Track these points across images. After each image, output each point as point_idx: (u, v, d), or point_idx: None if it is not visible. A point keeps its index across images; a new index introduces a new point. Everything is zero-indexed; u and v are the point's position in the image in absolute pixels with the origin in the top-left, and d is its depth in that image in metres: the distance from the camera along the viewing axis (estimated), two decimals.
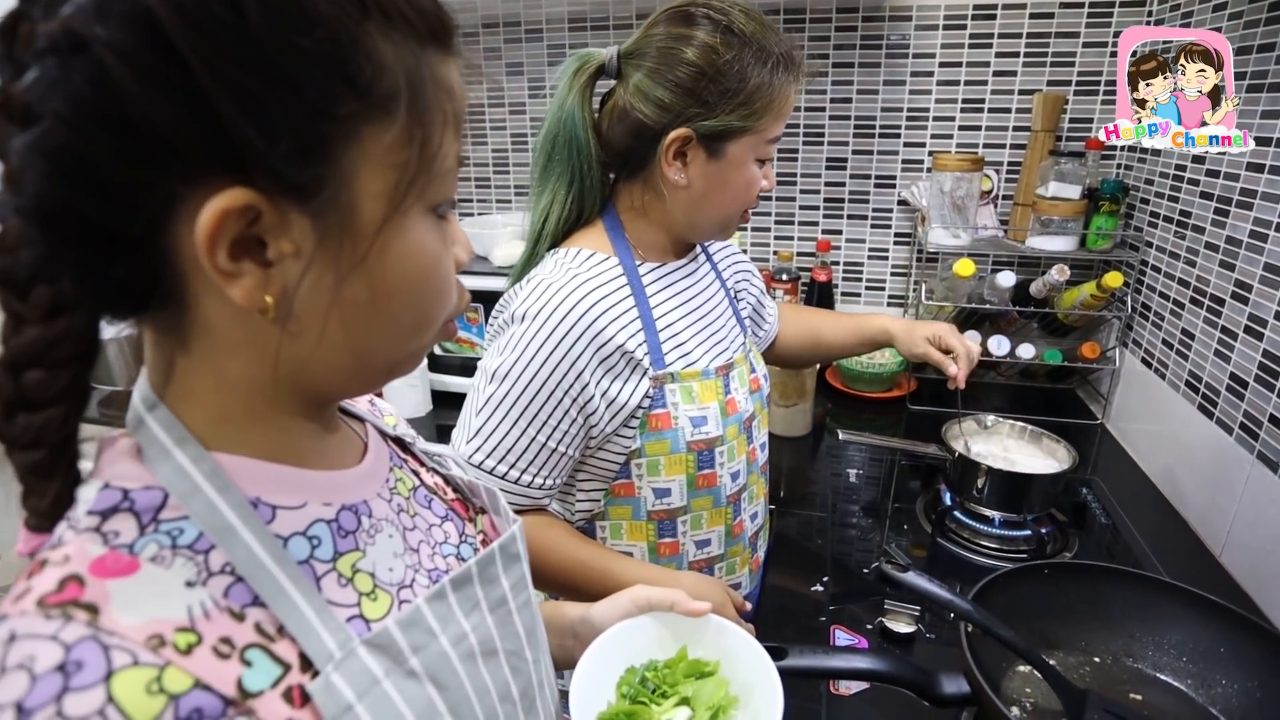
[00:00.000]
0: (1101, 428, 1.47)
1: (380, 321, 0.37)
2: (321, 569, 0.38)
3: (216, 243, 0.30)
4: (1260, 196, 1.03)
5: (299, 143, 0.30)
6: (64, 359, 0.32)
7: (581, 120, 0.78)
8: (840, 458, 1.39)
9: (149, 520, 0.33)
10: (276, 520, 0.37)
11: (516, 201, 1.92)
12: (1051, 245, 1.44)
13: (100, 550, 0.31)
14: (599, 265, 0.79)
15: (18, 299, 0.31)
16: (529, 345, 0.74)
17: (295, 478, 0.38)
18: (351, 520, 0.40)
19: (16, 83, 0.28)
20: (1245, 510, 1.02)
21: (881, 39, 1.56)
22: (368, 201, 0.33)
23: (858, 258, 1.73)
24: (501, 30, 1.76)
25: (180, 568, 0.32)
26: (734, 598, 0.83)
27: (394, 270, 0.36)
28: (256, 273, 0.32)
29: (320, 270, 0.33)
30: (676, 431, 0.81)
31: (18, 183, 0.29)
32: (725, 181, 0.79)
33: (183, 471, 0.34)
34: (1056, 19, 1.46)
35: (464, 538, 0.50)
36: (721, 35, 0.73)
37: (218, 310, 0.33)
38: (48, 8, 0.28)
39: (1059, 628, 0.81)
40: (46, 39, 0.27)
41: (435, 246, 0.38)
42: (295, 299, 0.33)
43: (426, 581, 0.43)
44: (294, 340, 0.35)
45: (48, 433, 0.32)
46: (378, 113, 0.32)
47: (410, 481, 0.49)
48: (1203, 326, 1.17)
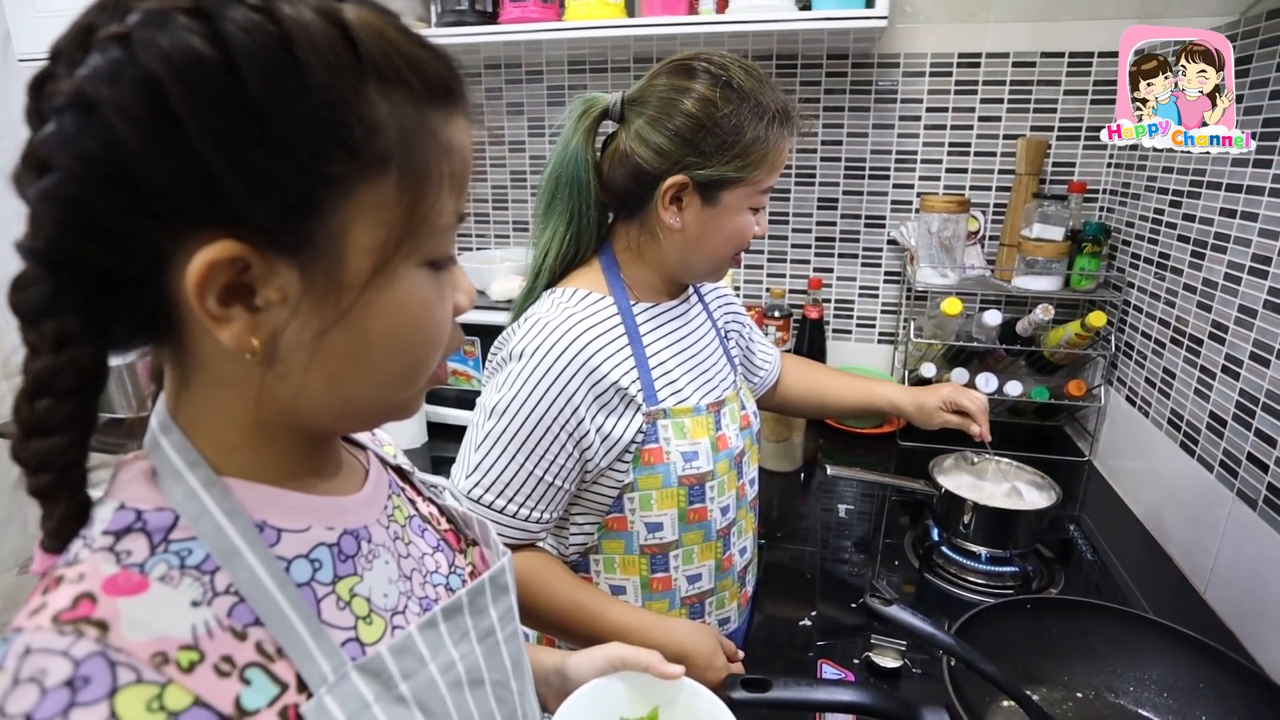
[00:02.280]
0: (1089, 464, 1.49)
1: (365, 369, 0.38)
2: (322, 591, 0.39)
3: (206, 289, 0.32)
4: (1233, 240, 1.06)
5: (287, 200, 0.32)
6: (68, 389, 0.34)
7: (584, 161, 0.81)
8: (831, 493, 1.40)
9: (160, 540, 0.35)
10: (281, 543, 0.38)
11: (515, 237, 1.95)
12: (1037, 285, 1.47)
13: (113, 569, 0.33)
14: (595, 305, 0.82)
15: (32, 330, 0.33)
16: (526, 382, 0.77)
17: (300, 502, 0.40)
18: (352, 544, 0.42)
19: (36, 135, 0.31)
20: (1227, 547, 1.03)
21: (871, 85, 1.61)
22: (356, 256, 0.34)
23: (849, 295, 1.76)
24: (503, 71, 1.81)
25: (187, 587, 0.34)
26: (726, 645, 0.83)
27: (380, 322, 0.37)
28: (245, 317, 0.33)
29: (305, 318, 0.34)
30: (668, 466, 0.83)
31: (34, 226, 0.31)
32: (719, 227, 0.82)
33: (193, 495, 0.36)
34: (1038, 67, 1.52)
35: (453, 568, 0.51)
36: (720, 89, 0.77)
37: (212, 348, 0.35)
38: (69, 68, 0.30)
39: (1042, 662, 0.82)
40: (62, 97, 0.30)
41: (426, 298, 0.39)
42: (281, 343, 0.35)
43: (418, 609, 0.45)
44: (279, 381, 0.36)
45: (54, 458, 0.34)
46: (370, 172, 0.34)
47: (406, 510, 0.50)
48: (1183, 365, 1.19)
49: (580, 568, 0.88)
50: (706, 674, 0.77)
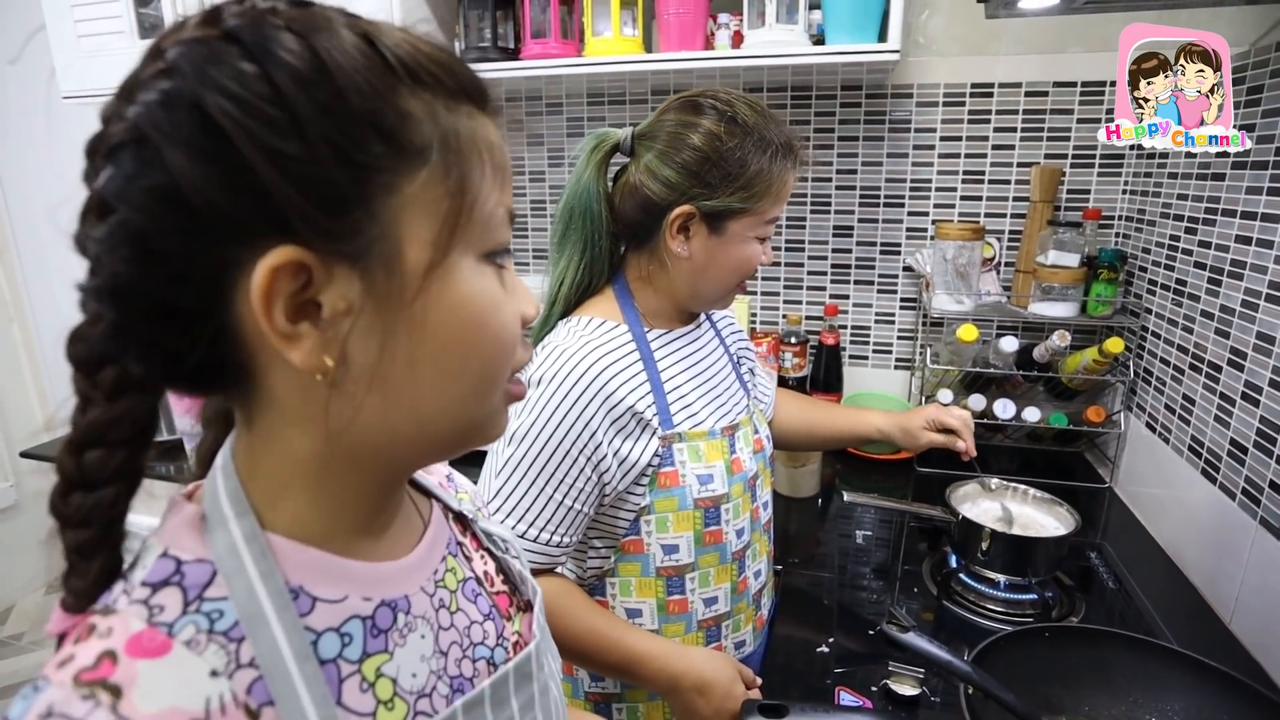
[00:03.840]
0: (1110, 491, 1.48)
1: (435, 378, 0.37)
2: (346, 670, 0.37)
3: (272, 301, 0.32)
4: (1250, 267, 1.07)
5: (336, 193, 0.32)
6: (122, 439, 0.34)
7: (596, 193, 0.85)
8: (849, 519, 1.40)
9: (194, 598, 0.34)
10: (314, 613, 0.37)
11: (535, 264, 1.99)
12: (1053, 311, 1.47)
13: (140, 625, 0.33)
14: (609, 332, 0.84)
15: (87, 380, 0.34)
16: (545, 408, 0.79)
17: (340, 569, 0.38)
18: (387, 617, 0.40)
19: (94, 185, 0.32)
20: (1252, 576, 1.02)
21: (884, 114, 1.64)
22: (413, 249, 0.35)
23: (865, 322, 1.77)
24: (524, 104, 1.86)
25: (212, 655, 0.33)
26: (744, 673, 0.83)
27: (444, 320, 0.36)
28: (314, 335, 0.33)
29: (369, 323, 0.34)
30: (684, 489, 0.84)
31: (95, 270, 0.32)
32: (725, 256, 0.85)
33: (234, 548, 0.35)
34: (1051, 96, 1.53)
35: (500, 639, 0.49)
36: (726, 124, 0.80)
37: (283, 382, 0.35)
38: (120, 114, 0.32)
39: (1062, 692, 0.82)
40: (116, 139, 0.32)
41: (491, 293, 0.38)
42: (350, 360, 0.34)
43: (446, 690, 0.43)
44: (349, 403, 0.35)
45: (99, 512, 0.34)
46: (411, 160, 0.34)
47: (461, 572, 0.48)
48: (1202, 392, 1.19)
49: (596, 591, 0.89)
50: (726, 702, 0.78)
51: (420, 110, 0.35)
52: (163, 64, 0.32)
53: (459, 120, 0.36)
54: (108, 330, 0.33)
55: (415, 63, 0.35)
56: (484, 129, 0.38)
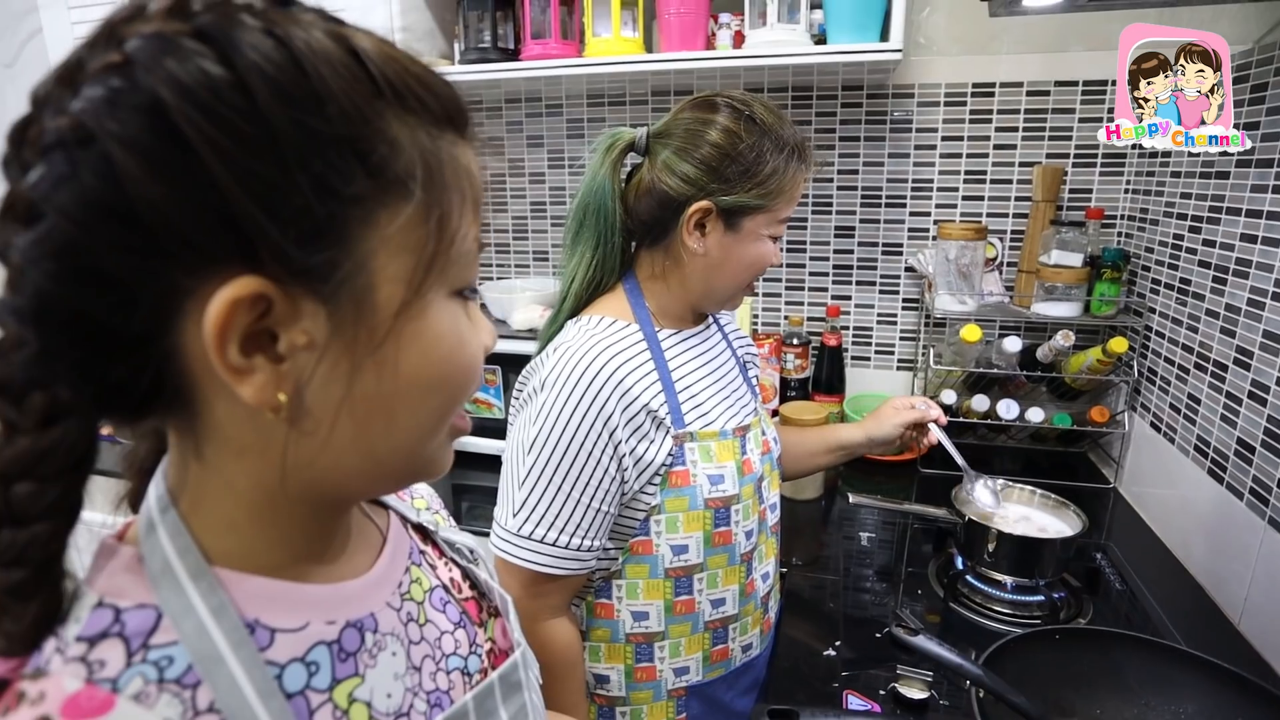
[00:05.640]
0: (1114, 491, 1.47)
1: (397, 416, 0.35)
2: (316, 700, 0.35)
3: (227, 336, 0.29)
4: (1255, 266, 1.06)
5: (311, 225, 0.29)
6: (56, 470, 0.31)
7: (610, 191, 0.85)
8: (853, 521, 1.39)
9: (138, 647, 0.31)
10: (275, 645, 0.34)
11: (535, 266, 1.98)
12: (1056, 311, 1.47)
13: (77, 685, 0.29)
14: (620, 331, 0.84)
15: (12, 406, 0.30)
16: (561, 410, 0.78)
17: (298, 595, 0.36)
18: (354, 639, 0.38)
19: (21, 183, 0.28)
20: (1261, 576, 1.01)
21: (886, 114, 1.63)
22: (385, 286, 0.32)
23: (867, 323, 1.77)
24: (523, 105, 1.85)
25: (164, 706, 0.30)
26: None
27: (414, 358, 0.34)
28: (268, 369, 0.30)
29: (334, 361, 0.32)
30: (695, 489, 0.84)
31: (17, 284, 0.28)
32: (741, 253, 0.85)
33: (179, 587, 0.32)
34: (1053, 96, 1.53)
35: (474, 647, 0.47)
36: (744, 123, 0.81)
37: (228, 412, 0.32)
38: (59, 105, 0.28)
39: (1073, 695, 0.81)
40: (54, 134, 0.27)
41: (459, 329, 0.36)
42: (308, 394, 0.32)
43: (424, 707, 0.41)
44: (306, 440, 0.33)
45: (32, 550, 0.30)
46: (393, 193, 0.32)
47: (428, 581, 0.46)
48: (1208, 391, 1.18)
49: (602, 593, 0.88)
50: None
51: (405, 137, 0.32)
52: (118, 55, 0.28)
53: (442, 148, 0.34)
54: (33, 356, 0.29)
55: (403, 84, 0.32)
56: (464, 156, 0.35)
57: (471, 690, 0.44)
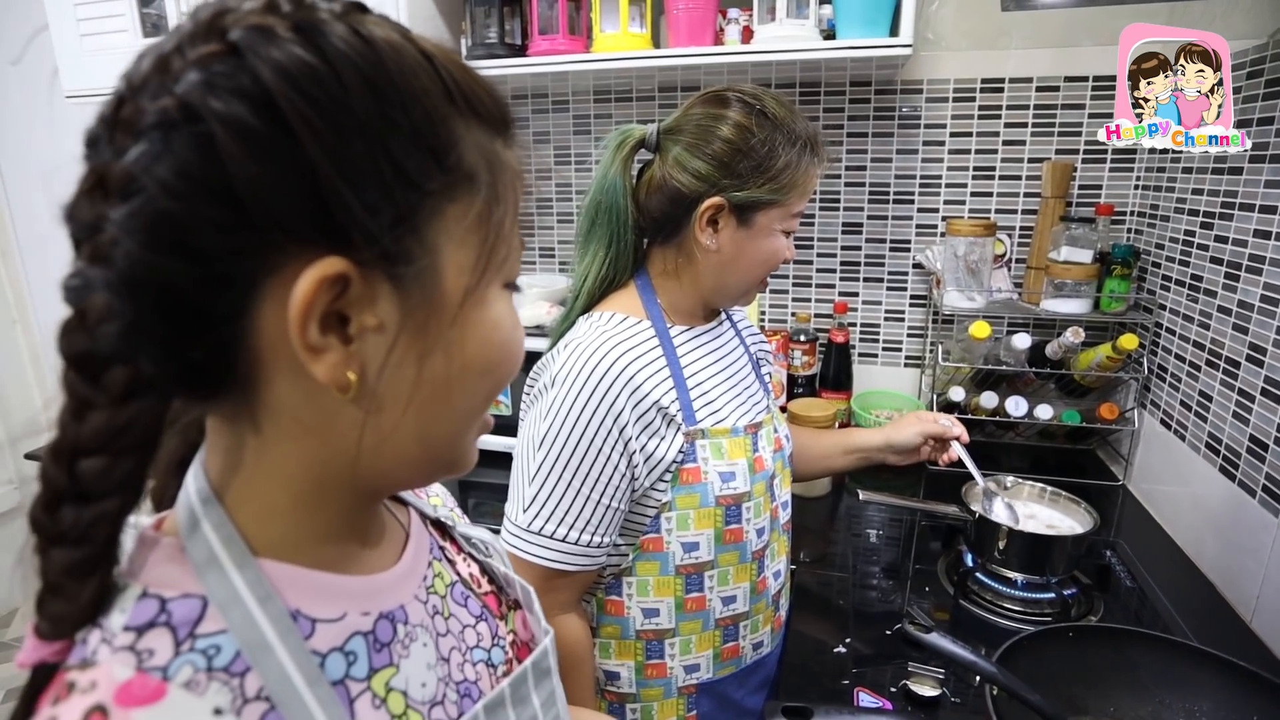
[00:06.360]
0: (1123, 489, 1.46)
1: (455, 400, 0.37)
2: (356, 689, 0.36)
3: (310, 313, 0.30)
4: (1269, 262, 1.05)
5: (393, 212, 0.31)
6: (131, 445, 0.31)
7: (622, 188, 0.85)
8: (861, 518, 1.39)
9: (185, 635, 0.31)
10: (315, 635, 0.35)
11: (541, 263, 1.98)
12: (1065, 308, 1.46)
13: (129, 673, 0.30)
14: (632, 327, 0.83)
15: (88, 382, 0.30)
16: (572, 406, 0.78)
17: (336, 586, 0.37)
18: (388, 630, 0.39)
19: (118, 160, 0.29)
20: (1274, 574, 1.01)
21: (894, 110, 1.63)
22: (453, 275, 0.34)
23: (874, 319, 1.76)
24: (530, 101, 1.85)
25: (214, 694, 0.31)
26: None
27: (475, 344, 0.36)
28: (339, 349, 0.31)
29: (405, 345, 0.33)
30: (706, 486, 0.83)
31: (109, 255, 0.29)
32: (754, 248, 0.85)
33: (226, 578, 0.33)
34: (1062, 91, 1.52)
35: (496, 639, 0.48)
36: (755, 117, 0.80)
37: (289, 393, 0.33)
38: (159, 88, 0.29)
39: (1086, 693, 0.81)
40: (157, 114, 0.28)
41: (512, 319, 0.39)
42: (380, 376, 0.33)
43: (455, 697, 0.42)
44: (370, 420, 0.34)
45: (98, 528, 0.31)
46: (461, 189, 0.34)
47: (448, 576, 0.47)
48: (1219, 389, 1.18)
49: (612, 590, 0.88)
50: None
51: (469, 137, 0.34)
52: (222, 44, 0.29)
53: (498, 150, 0.36)
54: (123, 328, 0.29)
55: (467, 88, 0.35)
56: (513, 160, 0.38)
57: (505, 680, 0.45)
